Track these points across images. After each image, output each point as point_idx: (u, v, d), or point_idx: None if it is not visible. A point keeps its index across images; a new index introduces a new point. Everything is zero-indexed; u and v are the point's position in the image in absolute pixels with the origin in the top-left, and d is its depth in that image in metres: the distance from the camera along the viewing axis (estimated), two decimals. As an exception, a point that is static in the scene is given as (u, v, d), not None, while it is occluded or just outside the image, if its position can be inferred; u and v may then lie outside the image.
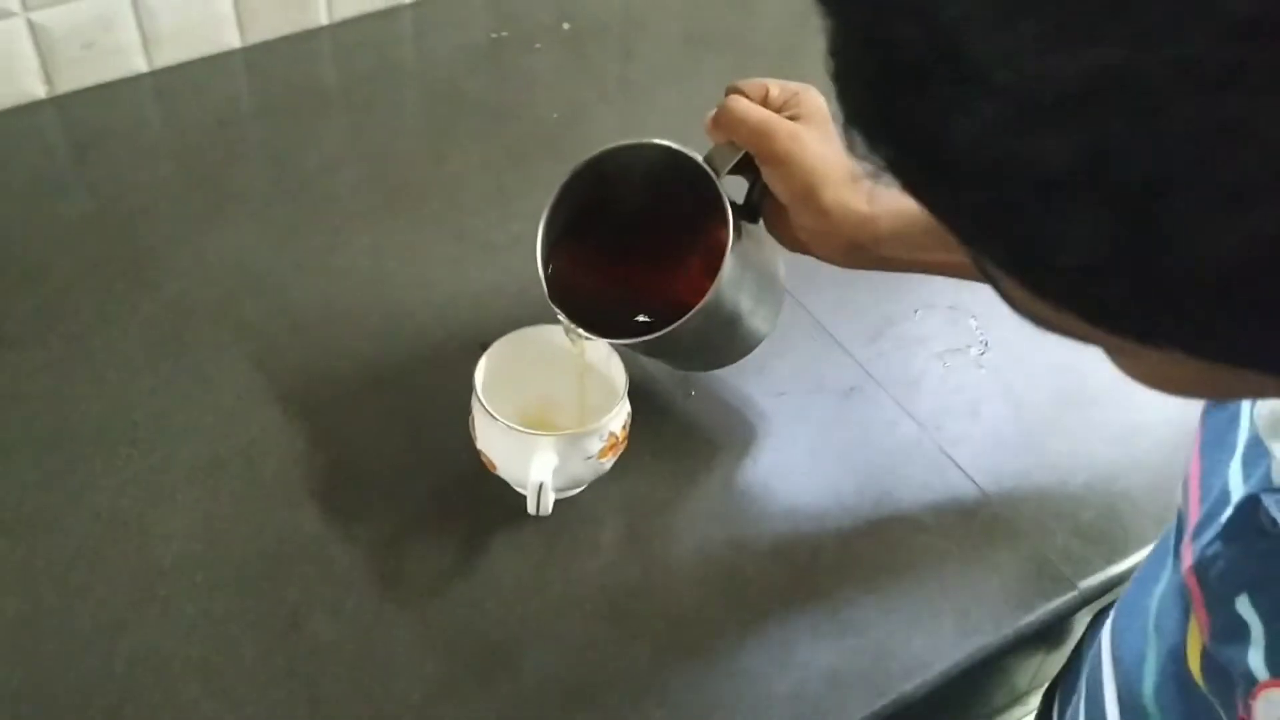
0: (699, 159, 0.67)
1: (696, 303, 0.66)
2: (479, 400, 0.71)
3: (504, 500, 0.75)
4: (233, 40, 1.08)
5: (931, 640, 0.71)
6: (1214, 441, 0.53)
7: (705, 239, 0.69)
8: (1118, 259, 0.25)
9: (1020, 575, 0.75)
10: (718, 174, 0.66)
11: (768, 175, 0.66)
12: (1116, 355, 0.34)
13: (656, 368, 0.84)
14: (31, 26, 0.98)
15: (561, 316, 0.70)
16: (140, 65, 1.05)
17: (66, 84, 1.02)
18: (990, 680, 0.78)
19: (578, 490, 0.76)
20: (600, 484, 0.77)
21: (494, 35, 1.14)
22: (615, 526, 0.76)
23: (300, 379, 0.82)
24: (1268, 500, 0.45)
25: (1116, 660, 0.59)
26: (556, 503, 0.74)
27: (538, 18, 1.17)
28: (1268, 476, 0.47)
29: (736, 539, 0.76)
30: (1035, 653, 0.78)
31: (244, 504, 0.75)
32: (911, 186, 0.29)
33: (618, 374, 0.74)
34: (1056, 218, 0.25)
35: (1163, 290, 0.26)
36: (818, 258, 0.70)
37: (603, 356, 0.75)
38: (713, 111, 0.66)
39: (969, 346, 0.88)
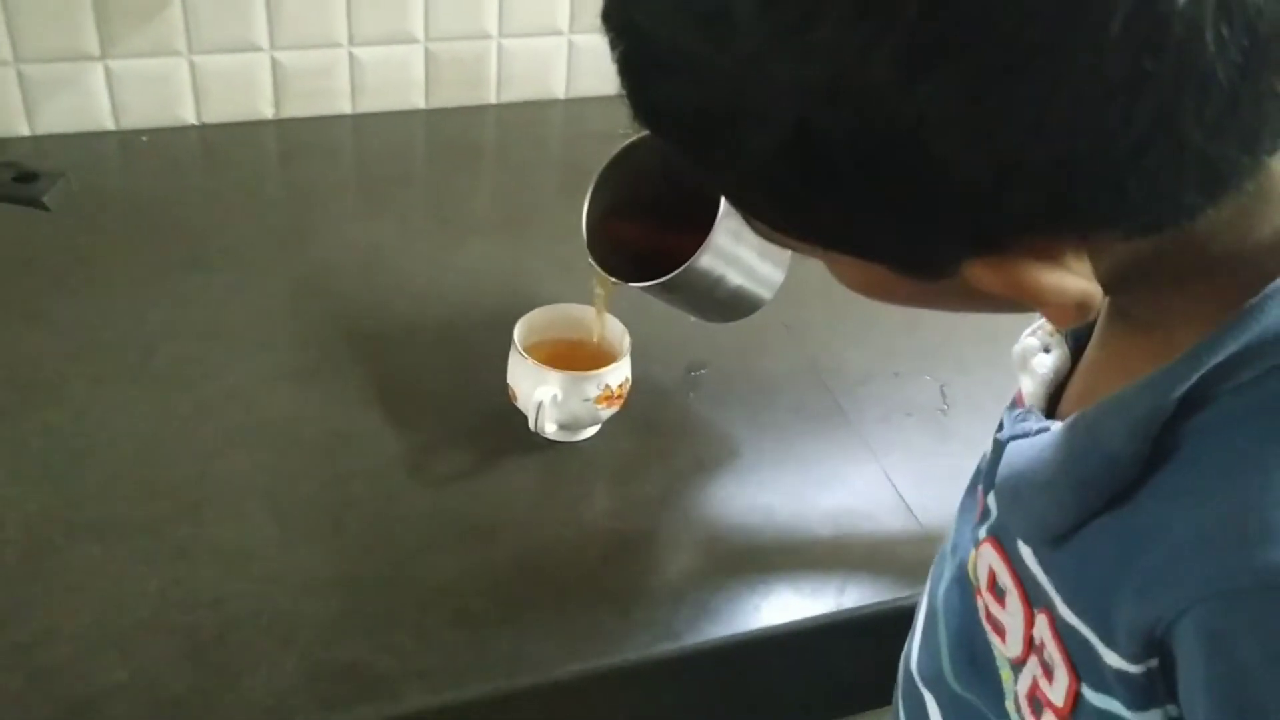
0: None
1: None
2: (514, 340, 0.93)
3: (522, 433, 0.95)
4: (419, 102, 1.38)
5: (812, 598, 0.87)
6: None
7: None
8: (730, 166, 0.44)
9: (915, 566, 0.90)
10: None
11: None
12: (827, 265, 0.52)
13: (668, 369, 1.05)
14: (274, 62, 1.29)
15: (592, 263, 0.91)
16: (346, 107, 1.35)
17: (288, 111, 1.33)
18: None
19: (580, 437, 0.97)
20: (600, 440, 0.97)
21: (622, 132, 1.40)
22: (603, 472, 0.96)
23: (397, 325, 1.07)
24: (1005, 415, 0.62)
25: (930, 591, 0.74)
26: (559, 444, 0.95)
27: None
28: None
29: (695, 502, 0.94)
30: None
31: (328, 396, 0.98)
32: (660, 142, 0.47)
33: (626, 345, 0.94)
34: (695, 148, 0.44)
35: (746, 183, 0.44)
36: None
37: (617, 333, 0.96)
38: None
39: (934, 407, 1.05)
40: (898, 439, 1.01)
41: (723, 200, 0.86)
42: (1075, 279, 0.43)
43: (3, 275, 1.09)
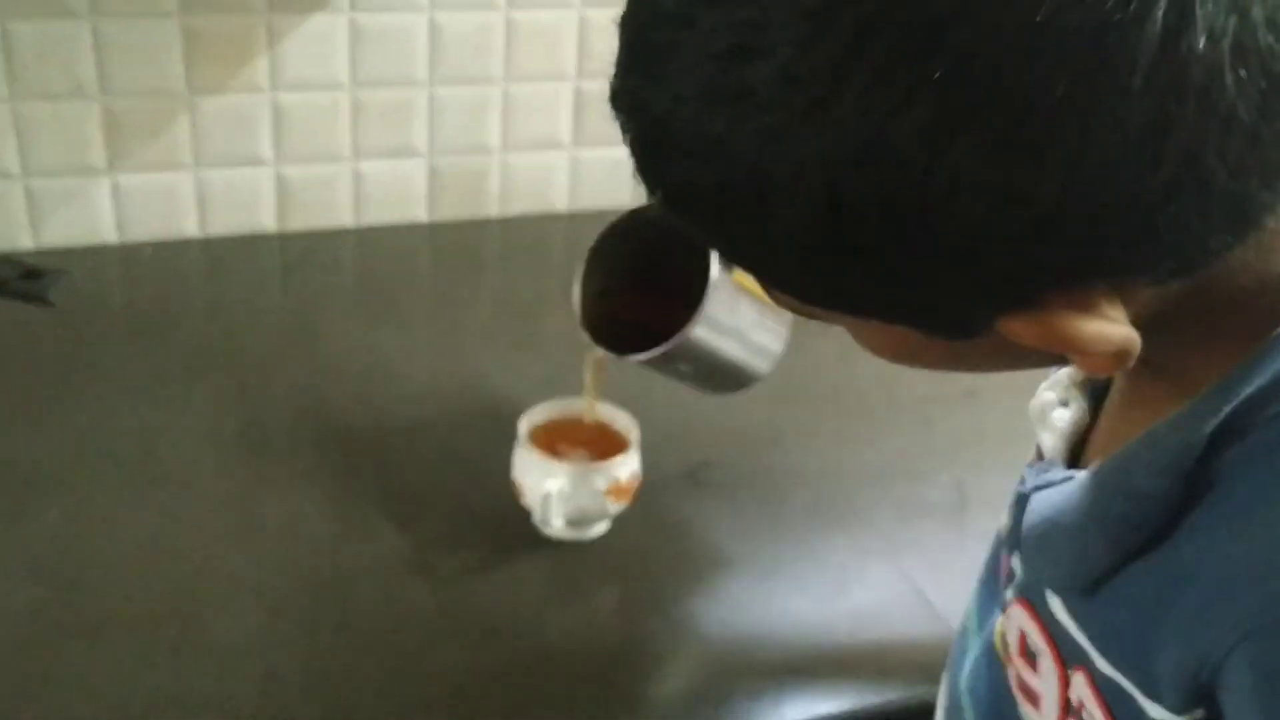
0: None
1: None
2: (519, 433, 0.91)
3: (528, 531, 0.93)
4: (421, 215, 1.39)
5: (832, 696, 0.84)
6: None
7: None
8: (754, 240, 0.43)
9: (938, 662, 0.87)
10: None
11: None
12: (853, 332, 0.51)
13: (676, 467, 1.03)
14: (278, 175, 1.30)
15: (586, 336, 0.89)
16: (348, 221, 1.36)
17: (291, 224, 1.34)
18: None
19: (589, 535, 0.94)
20: (609, 539, 0.94)
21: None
22: (613, 570, 0.93)
23: (398, 428, 1.06)
24: (1025, 471, 0.61)
25: (950, 679, 0.71)
26: (566, 544, 0.93)
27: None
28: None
29: (709, 601, 0.91)
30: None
31: (329, 496, 0.96)
32: (673, 216, 0.46)
33: (634, 437, 0.93)
34: (716, 224, 0.44)
35: (771, 257, 0.44)
36: None
37: (625, 424, 0.94)
38: None
39: (952, 506, 1.03)
40: (916, 537, 0.99)
41: (713, 270, 0.85)
42: (1115, 326, 0.42)
43: (4, 373, 1.08)
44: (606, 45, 0.43)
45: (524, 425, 0.93)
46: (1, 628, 0.81)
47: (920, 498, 1.04)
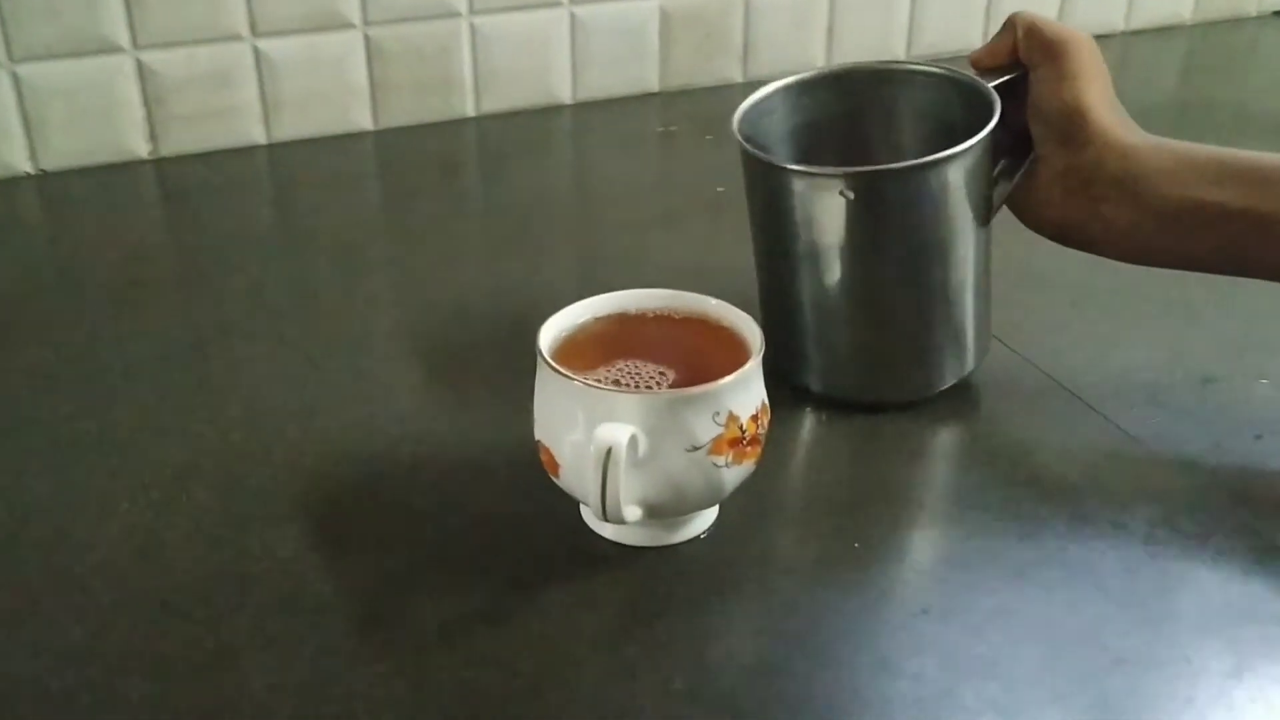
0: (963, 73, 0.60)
1: None
2: (542, 358, 0.48)
3: (574, 534, 0.50)
4: (364, 121, 0.96)
5: None
6: None
7: None
8: None
9: None
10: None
11: (1044, 80, 0.58)
12: None
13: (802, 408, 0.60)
14: (141, 70, 0.88)
15: (742, 143, 0.58)
16: (258, 135, 0.93)
17: (172, 145, 0.91)
18: None
19: (683, 535, 0.51)
20: (720, 539, 0.51)
21: (661, 129, 0.99)
22: (730, 589, 0.50)
23: (425, 360, 0.62)
24: None
25: None
26: (645, 553, 0.49)
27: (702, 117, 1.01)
28: None
29: (911, 620, 0.48)
30: None
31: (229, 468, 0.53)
32: None
33: (757, 341, 0.49)
34: None
35: None
36: (1064, 235, 0.59)
37: (737, 321, 0.51)
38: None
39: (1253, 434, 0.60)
40: (1258, 468, 0.56)
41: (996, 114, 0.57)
42: None
43: None
44: None
45: (546, 338, 0.50)
46: None
47: (1235, 411, 0.61)
